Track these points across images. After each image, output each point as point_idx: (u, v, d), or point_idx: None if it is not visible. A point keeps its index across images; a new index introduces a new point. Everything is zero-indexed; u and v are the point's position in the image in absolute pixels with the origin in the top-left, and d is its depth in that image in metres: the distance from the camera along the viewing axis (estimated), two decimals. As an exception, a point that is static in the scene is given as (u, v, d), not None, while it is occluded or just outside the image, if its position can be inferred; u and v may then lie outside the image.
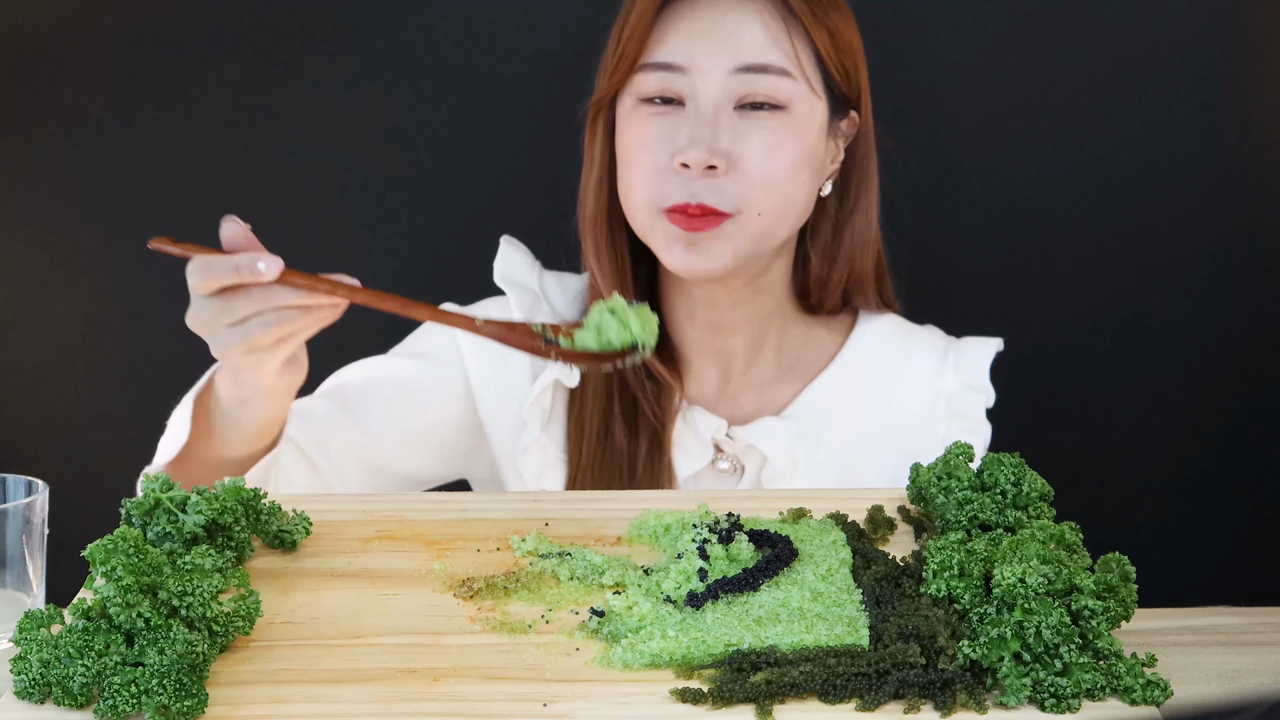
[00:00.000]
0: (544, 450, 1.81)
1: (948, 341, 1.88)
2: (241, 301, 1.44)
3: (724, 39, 1.71)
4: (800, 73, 1.72)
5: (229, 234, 1.47)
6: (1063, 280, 2.20)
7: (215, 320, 1.46)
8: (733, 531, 1.34)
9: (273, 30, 2.16)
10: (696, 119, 1.71)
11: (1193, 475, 2.24)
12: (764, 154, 1.71)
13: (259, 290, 1.44)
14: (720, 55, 1.71)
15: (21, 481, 1.44)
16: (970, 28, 2.15)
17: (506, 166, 2.19)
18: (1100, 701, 1.17)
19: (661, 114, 1.73)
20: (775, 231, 1.74)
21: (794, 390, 1.85)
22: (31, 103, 2.17)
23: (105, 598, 1.18)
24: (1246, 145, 2.16)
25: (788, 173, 1.72)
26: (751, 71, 1.71)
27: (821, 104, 1.75)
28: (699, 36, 1.72)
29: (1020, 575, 1.21)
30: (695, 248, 1.71)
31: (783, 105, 1.72)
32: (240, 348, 1.46)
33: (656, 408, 1.81)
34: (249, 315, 1.44)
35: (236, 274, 1.43)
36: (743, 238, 1.72)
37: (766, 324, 1.83)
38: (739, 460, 1.82)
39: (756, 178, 1.70)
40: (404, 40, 2.17)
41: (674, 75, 1.72)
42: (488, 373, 1.84)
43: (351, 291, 1.44)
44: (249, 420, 1.58)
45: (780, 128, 1.72)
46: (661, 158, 1.72)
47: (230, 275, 1.44)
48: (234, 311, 1.44)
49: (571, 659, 1.22)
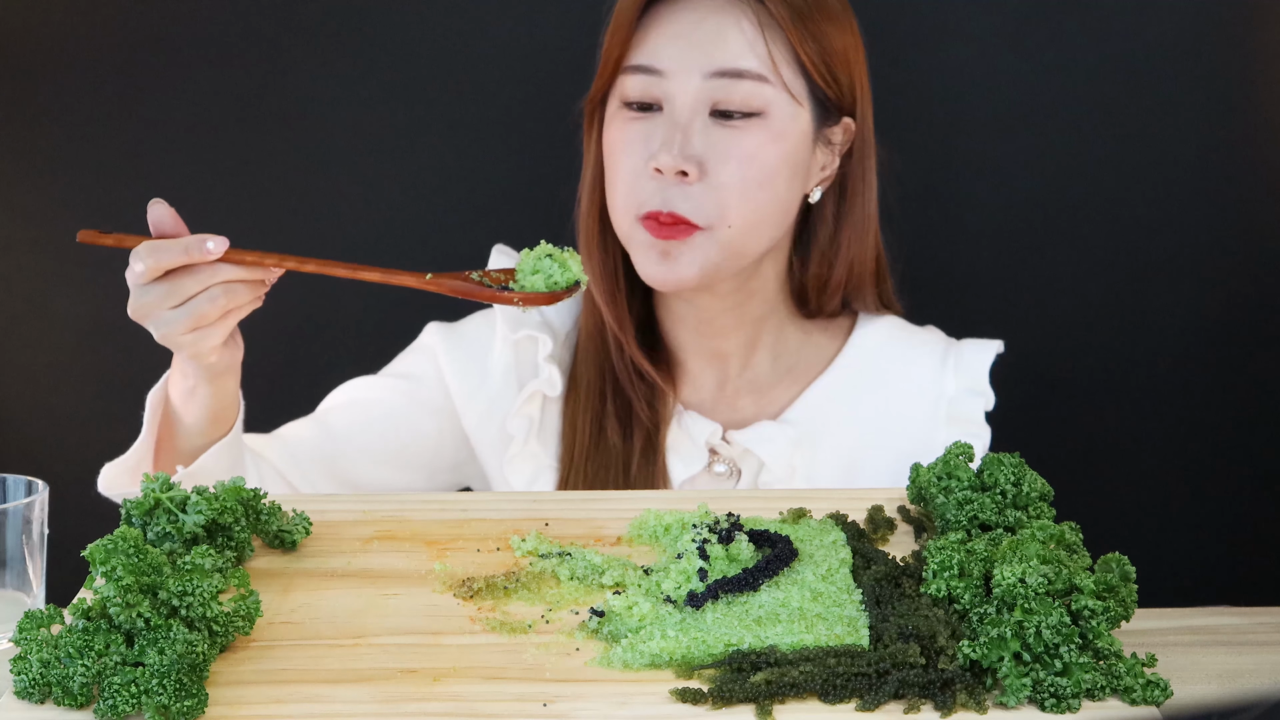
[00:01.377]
0: (534, 459, 1.81)
1: (947, 344, 1.87)
2: (189, 281, 1.48)
3: (700, 43, 1.71)
4: (779, 79, 1.71)
5: (157, 217, 1.50)
6: (1063, 280, 2.20)
7: (160, 304, 1.49)
8: (733, 531, 1.34)
9: (273, 31, 2.17)
10: (671, 124, 1.71)
11: (1193, 475, 2.24)
12: (737, 161, 1.70)
13: (204, 268, 1.47)
14: (696, 59, 1.71)
15: (21, 481, 1.44)
16: (970, 28, 2.15)
17: (506, 167, 2.19)
18: (1100, 701, 1.17)
19: (640, 119, 1.73)
20: (748, 242, 1.73)
21: (792, 394, 1.84)
22: (31, 103, 2.17)
23: (105, 598, 1.18)
24: (1246, 145, 2.16)
25: (761, 182, 1.71)
26: (726, 76, 1.70)
27: (804, 111, 1.74)
28: (677, 40, 1.72)
29: (1020, 575, 1.21)
30: (667, 258, 1.71)
31: (759, 112, 1.71)
32: (185, 325, 1.49)
33: (650, 410, 1.80)
34: (196, 293, 1.48)
35: (185, 254, 1.47)
36: (713, 249, 1.71)
37: (760, 325, 1.83)
38: (735, 464, 1.81)
39: (728, 186, 1.70)
40: (404, 40, 2.17)
41: (652, 78, 1.72)
42: (469, 387, 1.84)
43: (300, 261, 1.48)
44: (199, 410, 1.61)
45: (756, 135, 1.71)
46: (637, 162, 1.72)
47: (180, 256, 1.47)
48: (181, 292, 1.48)
49: (571, 659, 1.22)
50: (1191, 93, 2.15)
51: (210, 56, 2.16)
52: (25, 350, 2.23)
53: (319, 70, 2.17)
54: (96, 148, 2.18)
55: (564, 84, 2.00)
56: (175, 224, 1.50)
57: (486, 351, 1.85)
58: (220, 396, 1.61)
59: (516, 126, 2.18)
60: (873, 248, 1.83)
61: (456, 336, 1.86)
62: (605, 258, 1.80)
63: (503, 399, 1.83)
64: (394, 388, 1.85)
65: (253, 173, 2.19)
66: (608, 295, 1.80)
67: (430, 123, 2.19)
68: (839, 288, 1.83)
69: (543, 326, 1.83)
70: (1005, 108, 2.17)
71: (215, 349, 1.53)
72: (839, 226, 1.81)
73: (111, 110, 2.17)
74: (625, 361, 1.81)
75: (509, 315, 1.83)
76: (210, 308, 1.48)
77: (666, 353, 1.84)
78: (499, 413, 1.83)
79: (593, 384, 1.81)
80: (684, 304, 1.81)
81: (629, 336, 1.80)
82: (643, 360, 1.80)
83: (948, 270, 2.20)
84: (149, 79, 2.17)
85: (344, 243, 2.20)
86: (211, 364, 1.56)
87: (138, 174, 2.19)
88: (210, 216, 2.21)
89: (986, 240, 2.20)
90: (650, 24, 1.74)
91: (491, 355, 1.84)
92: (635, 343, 1.80)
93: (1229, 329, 2.20)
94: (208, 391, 1.60)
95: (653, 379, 1.80)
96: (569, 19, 2.14)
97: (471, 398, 1.84)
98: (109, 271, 2.20)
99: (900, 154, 1.90)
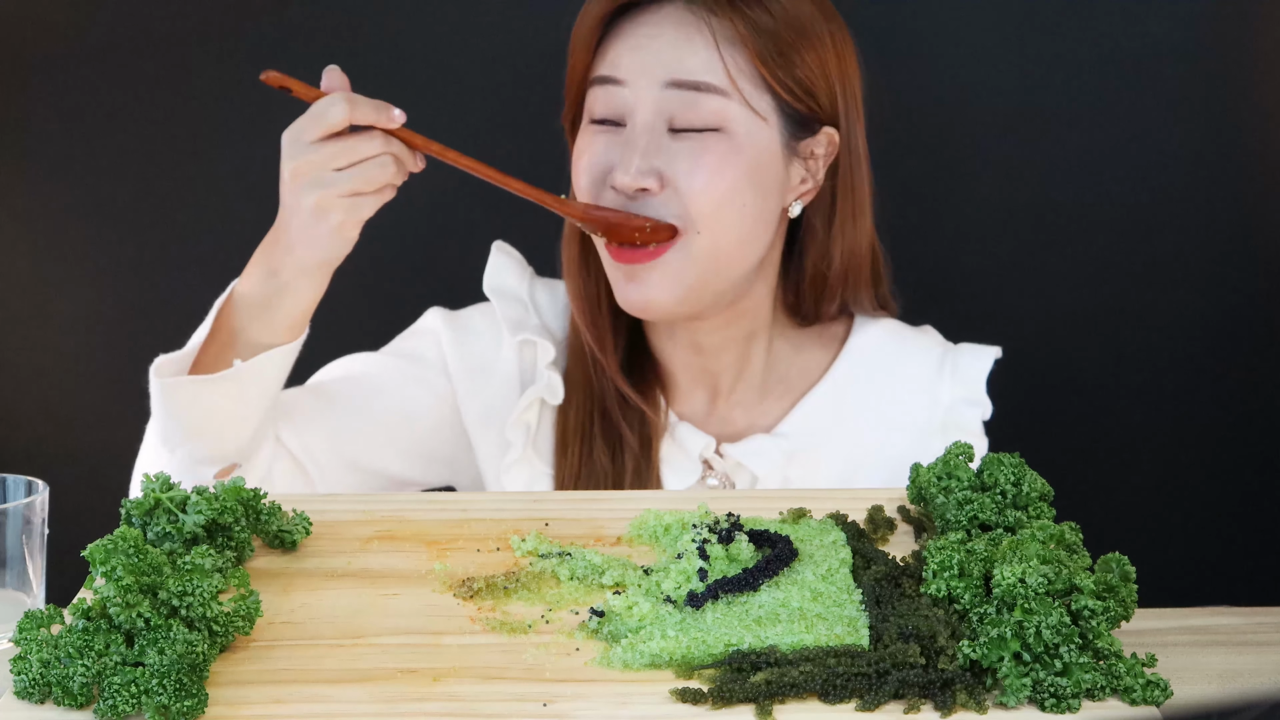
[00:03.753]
0: (530, 466, 1.80)
1: (944, 348, 1.84)
2: (363, 144, 1.55)
3: (658, 53, 1.69)
4: (737, 93, 1.68)
5: (332, 82, 1.57)
6: (1062, 281, 2.20)
7: (328, 163, 1.54)
8: (733, 531, 1.34)
9: (272, 31, 2.17)
10: (628, 143, 1.69)
11: (1193, 475, 2.24)
12: (699, 172, 1.67)
13: (380, 136, 1.55)
14: (653, 68, 1.69)
15: (21, 481, 1.44)
16: (969, 28, 2.15)
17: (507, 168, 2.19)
18: (1100, 701, 1.17)
19: (603, 133, 1.71)
20: (724, 255, 1.70)
21: (785, 406, 1.82)
22: (31, 103, 2.17)
23: (105, 598, 1.18)
24: (1246, 145, 2.16)
25: (725, 191, 1.68)
26: (683, 88, 1.68)
27: (768, 126, 1.70)
28: (636, 51, 1.70)
29: (1020, 575, 1.21)
30: (637, 280, 1.69)
31: (717, 127, 1.68)
32: (349, 187, 1.55)
33: (636, 434, 1.78)
34: (368, 157, 1.54)
35: (376, 114, 1.54)
36: (687, 263, 1.68)
37: (751, 343, 1.80)
38: (729, 478, 1.80)
39: (692, 191, 1.67)
40: (403, 41, 2.17)
41: (613, 88, 1.70)
42: (474, 386, 1.82)
43: (459, 157, 1.59)
44: (283, 313, 1.63)
45: (715, 148, 1.68)
46: (597, 175, 1.71)
47: (372, 114, 1.54)
48: (354, 153, 1.54)
49: (571, 659, 1.22)
50: (1191, 93, 2.15)
51: (210, 57, 2.16)
52: (25, 350, 2.23)
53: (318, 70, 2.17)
54: (96, 148, 2.18)
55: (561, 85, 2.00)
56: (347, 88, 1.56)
57: (489, 347, 1.83)
58: (311, 295, 1.62)
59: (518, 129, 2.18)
60: (867, 257, 1.80)
61: (461, 325, 1.84)
62: (587, 279, 1.78)
63: (503, 401, 1.82)
64: (395, 366, 1.82)
65: (252, 172, 2.20)
66: (589, 319, 1.78)
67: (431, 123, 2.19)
68: (833, 296, 1.81)
69: (542, 331, 1.82)
70: (1005, 108, 2.17)
71: (358, 224, 1.58)
72: (830, 238, 1.78)
73: (111, 110, 2.17)
74: (609, 385, 1.79)
75: (510, 318, 1.81)
76: (379, 173, 1.55)
77: (658, 370, 1.82)
78: (499, 416, 1.82)
79: (581, 406, 1.80)
80: (673, 325, 1.79)
81: (611, 360, 1.78)
82: (624, 384, 1.77)
83: (947, 270, 2.20)
84: (149, 79, 2.17)
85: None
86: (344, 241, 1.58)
87: (138, 174, 2.19)
88: (209, 216, 2.22)
89: (986, 240, 2.20)
90: (612, 37, 1.73)
91: (495, 352, 1.83)
92: (617, 366, 1.78)
93: (1229, 329, 2.20)
94: (305, 286, 1.61)
95: (636, 404, 1.79)
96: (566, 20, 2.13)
97: (473, 394, 1.82)
98: (109, 271, 2.21)
99: (900, 154, 1.90)
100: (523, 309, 1.82)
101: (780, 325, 1.83)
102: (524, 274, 1.85)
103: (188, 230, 2.22)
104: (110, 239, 2.20)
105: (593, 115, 1.73)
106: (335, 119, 1.54)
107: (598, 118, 1.72)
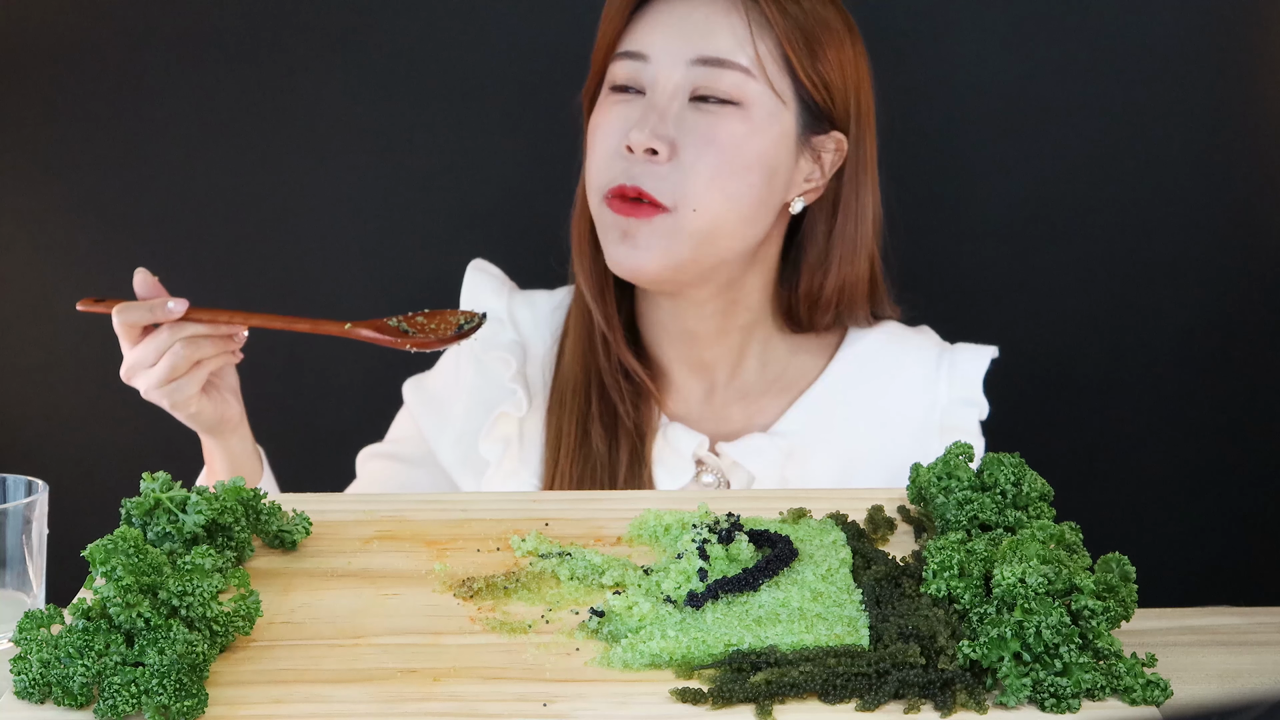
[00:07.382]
0: (514, 477, 1.80)
1: (941, 348, 1.85)
2: (161, 337, 1.66)
3: (688, 32, 1.72)
4: (763, 74, 1.71)
5: (141, 283, 1.68)
6: (1062, 280, 2.20)
7: (140, 363, 1.66)
8: (733, 531, 1.34)
9: (271, 32, 2.17)
10: (648, 105, 1.72)
11: (1193, 475, 2.24)
12: (709, 145, 1.69)
13: (172, 326, 1.65)
14: (681, 47, 1.72)
15: (21, 481, 1.44)
16: (969, 28, 2.15)
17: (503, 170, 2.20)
18: (1100, 701, 1.17)
19: (623, 101, 1.74)
20: (714, 233, 1.71)
21: (782, 405, 1.82)
22: (31, 103, 2.17)
23: (105, 598, 1.18)
24: (1246, 145, 2.16)
25: (732, 170, 1.70)
26: (709, 65, 1.71)
27: (787, 111, 1.73)
28: (665, 29, 1.73)
29: (1020, 575, 1.21)
30: (628, 239, 1.70)
31: (738, 102, 1.71)
32: (160, 378, 1.66)
33: (634, 413, 1.79)
34: (165, 349, 1.65)
35: (150, 313, 1.65)
36: (676, 236, 1.70)
37: (746, 335, 1.81)
38: (724, 476, 1.79)
39: (696, 169, 1.69)
40: (402, 41, 2.17)
41: (638, 63, 1.73)
42: (437, 429, 1.85)
43: (246, 318, 1.67)
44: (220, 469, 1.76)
45: (732, 123, 1.70)
46: (613, 141, 1.72)
47: (145, 315, 1.66)
48: (155, 349, 1.66)
49: (571, 659, 1.22)
50: (1191, 92, 2.15)
51: (209, 57, 2.17)
52: (25, 350, 2.23)
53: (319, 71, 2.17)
54: (96, 148, 2.18)
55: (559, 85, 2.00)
56: (154, 288, 1.67)
57: (448, 386, 1.86)
58: (230, 454, 1.75)
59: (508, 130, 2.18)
60: (866, 269, 1.81)
61: (422, 389, 1.89)
62: (595, 254, 1.79)
63: (469, 423, 1.83)
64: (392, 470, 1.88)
65: (252, 172, 2.20)
66: (595, 292, 1.79)
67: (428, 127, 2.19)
68: (829, 306, 1.81)
69: (513, 347, 1.83)
70: (1005, 108, 2.17)
71: (193, 399, 1.68)
72: (830, 246, 1.79)
73: (111, 110, 2.17)
74: (612, 361, 1.79)
75: (482, 338, 1.82)
76: (179, 362, 1.65)
77: (651, 364, 1.82)
78: (469, 438, 1.83)
79: (579, 385, 1.80)
80: (666, 313, 1.79)
81: (616, 334, 1.79)
82: (629, 358, 1.78)
83: (945, 270, 2.20)
84: (149, 79, 2.17)
85: (342, 242, 2.20)
86: (193, 414, 1.69)
87: (138, 174, 2.19)
88: (210, 215, 2.22)
89: (986, 240, 2.20)
90: (642, 16, 1.75)
91: (454, 388, 1.85)
92: (623, 340, 1.79)
93: (1229, 329, 2.20)
94: (217, 449, 1.74)
95: (640, 378, 1.79)
96: (563, 22, 2.14)
97: (439, 437, 1.85)
98: (109, 271, 2.21)
99: (898, 153, 1.90)
100: (497, 324, 1.83)
101: (777, 326, 1.83)
102: (501, 289, 1.86)
103: (188, 230, 2.22)
104: (110, 239, 2.20)
105: (614, 83, 1.75)
106: (120, 329, 1.66)
107: (619, 84, 1.74)
